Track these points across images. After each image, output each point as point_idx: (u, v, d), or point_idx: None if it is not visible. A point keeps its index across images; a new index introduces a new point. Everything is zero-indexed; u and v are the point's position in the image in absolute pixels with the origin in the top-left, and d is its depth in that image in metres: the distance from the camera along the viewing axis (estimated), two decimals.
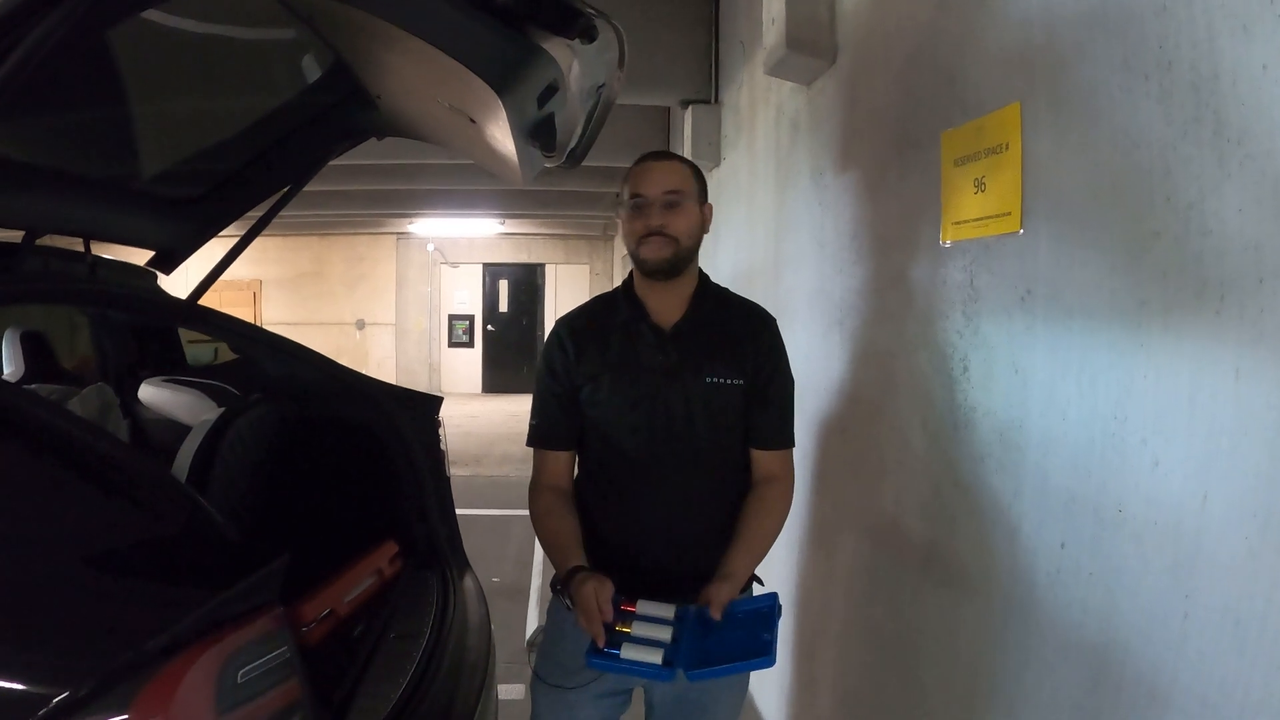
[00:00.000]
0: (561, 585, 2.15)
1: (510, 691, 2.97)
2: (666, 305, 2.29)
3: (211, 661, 1.36)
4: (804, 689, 3.46)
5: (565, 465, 2.38)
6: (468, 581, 3.02)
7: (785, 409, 2.33)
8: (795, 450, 2.32)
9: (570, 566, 2.13)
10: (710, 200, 2.33)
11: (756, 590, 2.35)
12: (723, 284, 2.38)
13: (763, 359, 2.27)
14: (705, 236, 2.29)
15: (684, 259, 2.25)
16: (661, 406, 2.23)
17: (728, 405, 2.24)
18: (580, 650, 2.08)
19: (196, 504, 1.67)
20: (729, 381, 2.23)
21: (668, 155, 2.35)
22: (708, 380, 2.22)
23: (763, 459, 2.30)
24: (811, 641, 3.36)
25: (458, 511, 3.20)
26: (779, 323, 2.34)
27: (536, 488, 2.36)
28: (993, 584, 1.96)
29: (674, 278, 2.26)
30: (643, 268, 2.26)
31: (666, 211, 2.21)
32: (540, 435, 2.37)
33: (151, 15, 2.16)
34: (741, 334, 2.28)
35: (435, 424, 3.17)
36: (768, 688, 3.94)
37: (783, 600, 3.56)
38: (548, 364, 2.35)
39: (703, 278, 2.36)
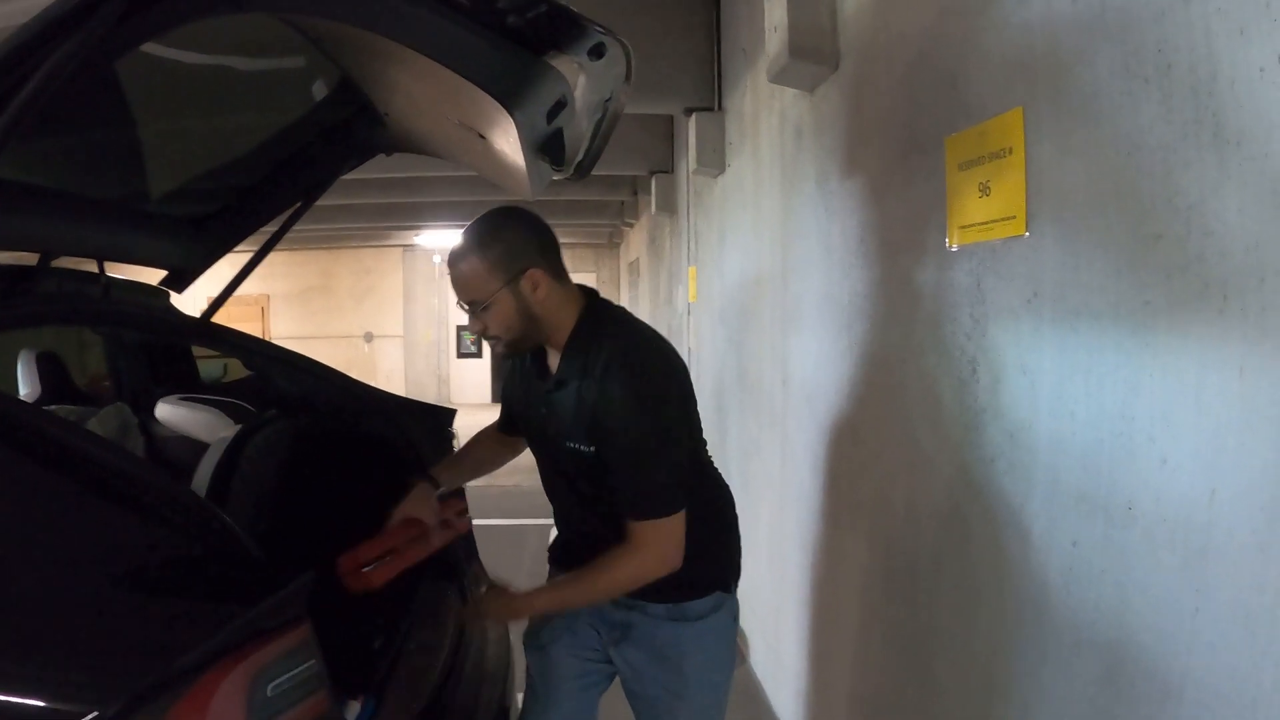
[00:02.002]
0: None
1: None
2: (552, 355, 2.28)
3: (242, 676, 1.39)
4: (820, 691, 3.48)
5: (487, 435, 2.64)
6: (484, 591, 3.04)
7: (632, 477, 2.12)
8: (807, 455, 2.33)
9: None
10: (715, 207, 2.34)
11: (772, 593, 2.38)
12: (729, 292, 2.40)
13: (600, 422, 2.11)
14: (705, 254, 2.29)
15: (523, 343, 2.24)
16: (546, 453, 2.33)
17: (587, 468, 2.19)
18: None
19: (222, 522, 1.69)
20: (581, 449, 2.16)
21: (457, 254, 2.17)
22: (567, 445, 2.19)
23: (626, 523, 2.14)
24: (827, 643, 3.38)
25: (472, 522, 3.22)
26: (790, 329, 2.34)
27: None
28: (1006, 583, 1.98)
29: (534, 348, 2.29)
30: None
31: (477, 317, 2.18)
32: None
33: (165, 51, 2.19)
34: (594, 398, 2.12)
35: (449, 436, 3.19)
36: (784, 690, 3.96)
37: (797, 602, 3.59)
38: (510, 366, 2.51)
39: (583, 312, 2.24)
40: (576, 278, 2.26)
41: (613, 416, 2.09)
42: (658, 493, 2.12)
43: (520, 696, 2.72)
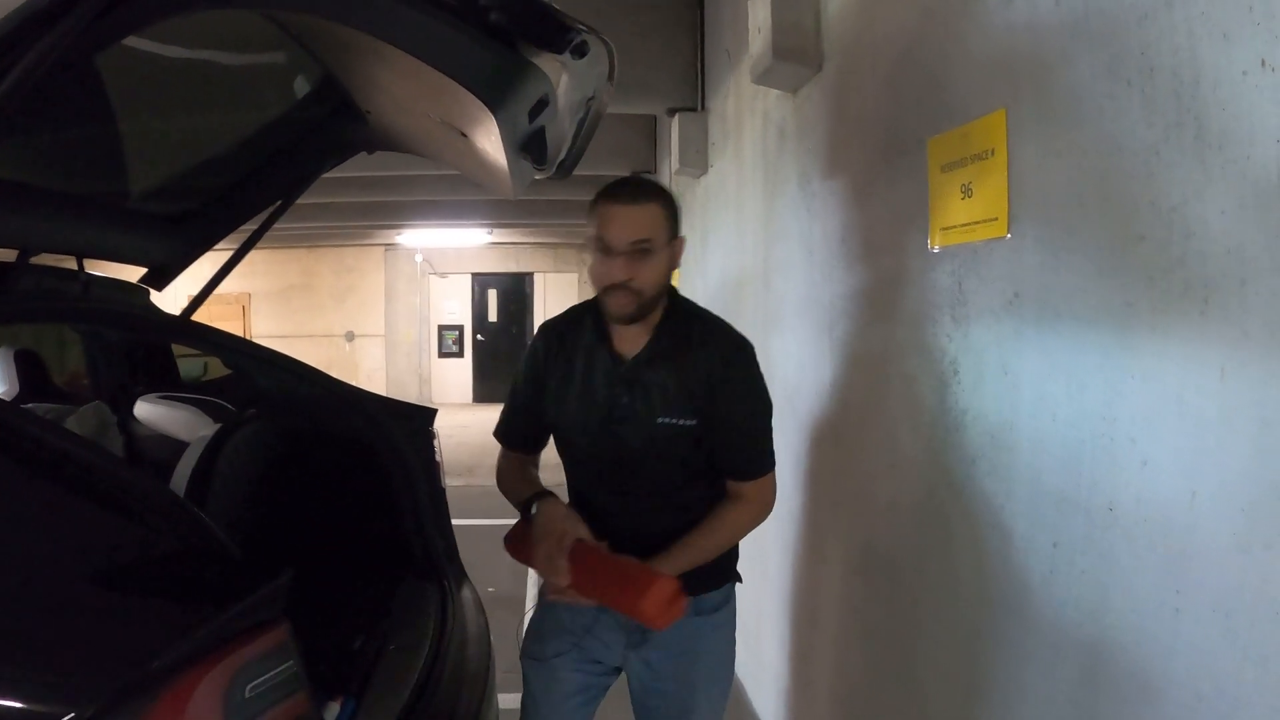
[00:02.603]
0: (528, 504, 2.27)
1: (510, 701, 2.96)
2: (629, 333, 2.25)
3: (220, 677, 1.38)
4: (801, 690, 3.48)
5: (529, 456, 2.49)
6: (465, 592, 3.03)
7: (749, 441, 2.27)
8: (788, 456, 2.33)
9: (537, 490, 2.30)
10: (698, 207, 2.33)
11: (754, 593, 2.39)
12: (711, 292, 2.39)
13: (718, 394, 2.20)
14: (684, 256, 2.28)
15: (649, 308, 2.19)
16: (612, 440, 2.25)
17: (677, 444, 2.22)
18: (559, 623, 2.32)
19: (199, 521, 1.68)
20: (680, 422, 2.19)
21: (639, 193, 2.16)
22: (659, 421, 2.20)
23: (730, 485, 2.29)
24: (808, 643, 3.38)
25: (452, 522, 3.21)
26: (772, 330, 2.34)
27: (501, 459, 2.49)
28: (988, 584, 1.98)
29: (648, 315, 2.22)
30: (606, 315, 2.22)
31: (634, 262, 2.12)
32: (503, 432, 2.49)
33: (146, 44, 2.17)
34: (700, 370, 2.20)
35: (430, 436, 3.18)
36: (765, 690, 3.96)
37: (778, 603, 3.59)
38: (524, 367, 2.42)
39: (672, 300, 2.29)
40: (559, 278, 2.27)
41: (734, 387, 2.22)
42: (767, 452, 2.30)
43: (501, 698, 2.72)
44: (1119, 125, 1.52)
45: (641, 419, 2.21)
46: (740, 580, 2.47)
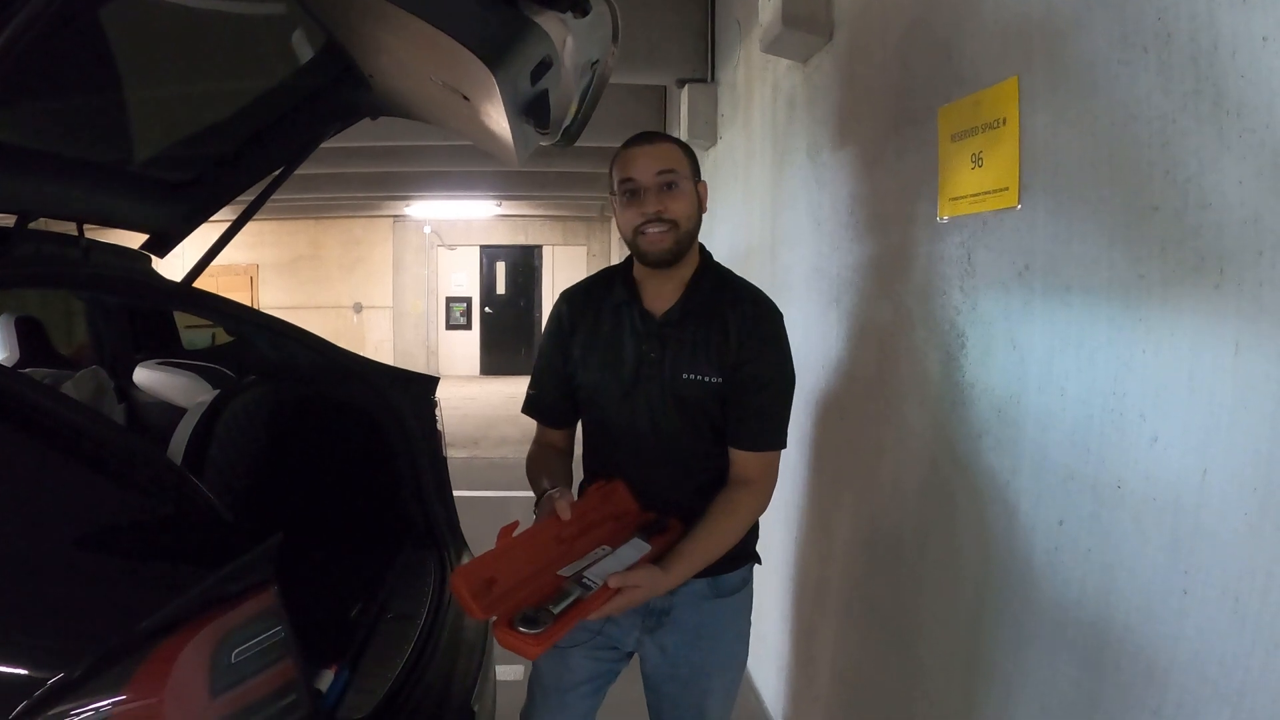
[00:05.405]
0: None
1: (508, 673, 2.96)
2: (661, 291, 2.24)
3: (206, 641, 1.36)
4: (802, 667, 3.47)
5: (559, 437, 2.42)
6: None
7: (769, 410, 2.20)
8: (793, 430, 2.29)
9: (543, 489, 2.20)
10: (706, 179, 2.28)
11: (756, 570, 2.37)
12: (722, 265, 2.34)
13: (747, 356, 2.16)
14: (703, 216, 2.26)
15: (685, 244, 2.18)
16: (641, 398, 2.22)
17: (702, 402, 2.19)
18: None
19: (190, 484, 1.66)
20: (706, 379, 2.17)
21: (656, 136, 2.22)
22: (684, 376, 2.17)
23: (738, 459, 2.20)
24: (810, 620, 3.37)
25: (455, 493, 3.20)
26: (779, 301, 2.29)
27: (533, 444, 2.42)
28: (991, 561, 1.96)
29: (675, 265, 2.20)
30: (643, 260, 2.20)
31: (663, 194, 2.13)
32: (534, 407, 2.41)
33: None
34: (730, 329, 2.18)
35: (432, 404, 3.16)
36: (766, 666, 3.95)
37: (781, 578, 3.57)
38: (548, 336, 2.38)
39: (704, 259, 2.28)
40: (567, 251, 2.26)
41: (760, 349, 2.17)
42: (780, 428, 2.22)
43: (499, 669, 2.70)
44: (1134, 93, 1.48)
45: (667, 374, 2.19)
46: (759, 562, 2.42)
